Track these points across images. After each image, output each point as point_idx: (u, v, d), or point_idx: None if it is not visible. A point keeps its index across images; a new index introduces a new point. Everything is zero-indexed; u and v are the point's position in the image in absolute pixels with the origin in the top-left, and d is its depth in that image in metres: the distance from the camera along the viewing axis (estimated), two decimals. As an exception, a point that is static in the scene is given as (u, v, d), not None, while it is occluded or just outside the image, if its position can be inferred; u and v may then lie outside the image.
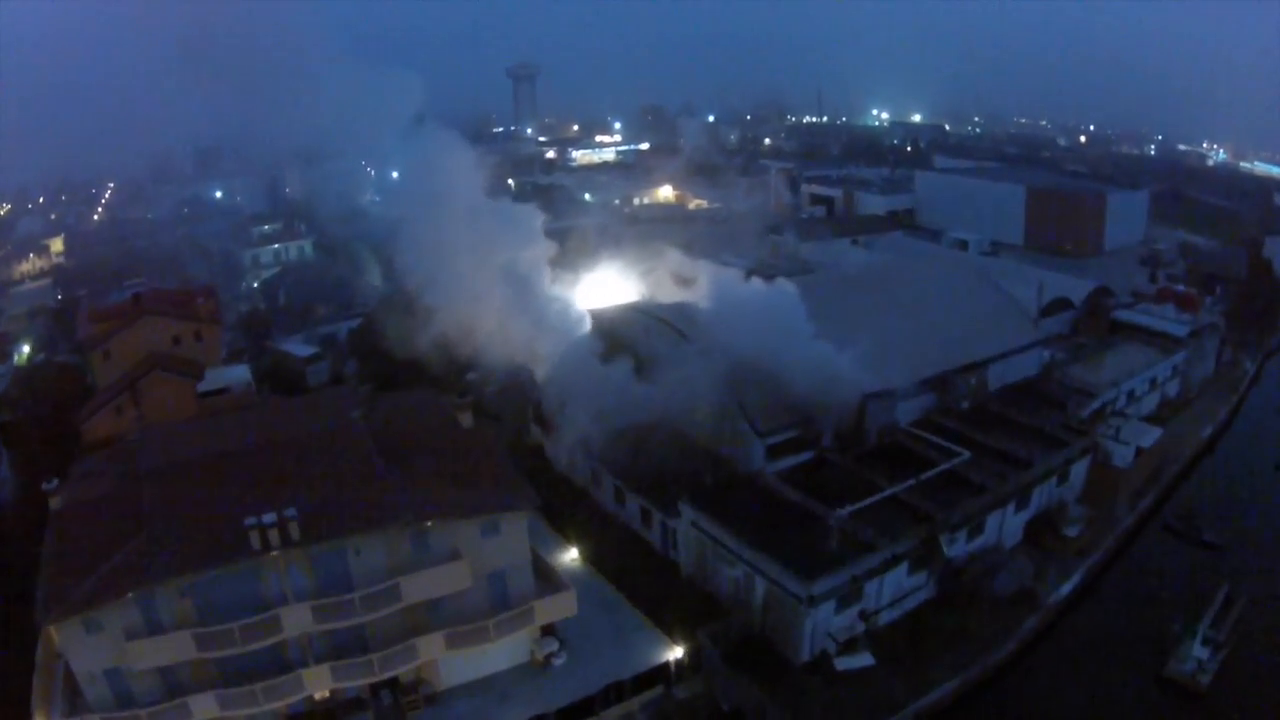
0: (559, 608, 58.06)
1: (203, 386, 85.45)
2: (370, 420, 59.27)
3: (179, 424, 68.43)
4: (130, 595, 47.32)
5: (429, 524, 52.12)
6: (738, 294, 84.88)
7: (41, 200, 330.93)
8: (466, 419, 60.85)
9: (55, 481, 56.81)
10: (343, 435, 56.23)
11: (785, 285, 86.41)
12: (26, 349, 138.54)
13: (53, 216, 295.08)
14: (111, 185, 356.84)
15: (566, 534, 74.32)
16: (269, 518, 48.02)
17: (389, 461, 54.62)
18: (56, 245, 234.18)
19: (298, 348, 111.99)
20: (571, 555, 71.70)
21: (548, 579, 59.12)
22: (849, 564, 61.09)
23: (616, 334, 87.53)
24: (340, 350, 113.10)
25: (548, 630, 59.55)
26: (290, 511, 48.35)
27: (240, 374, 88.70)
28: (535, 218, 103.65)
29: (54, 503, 55.47)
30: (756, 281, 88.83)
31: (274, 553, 48.73)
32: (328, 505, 50.69)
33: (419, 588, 52.35)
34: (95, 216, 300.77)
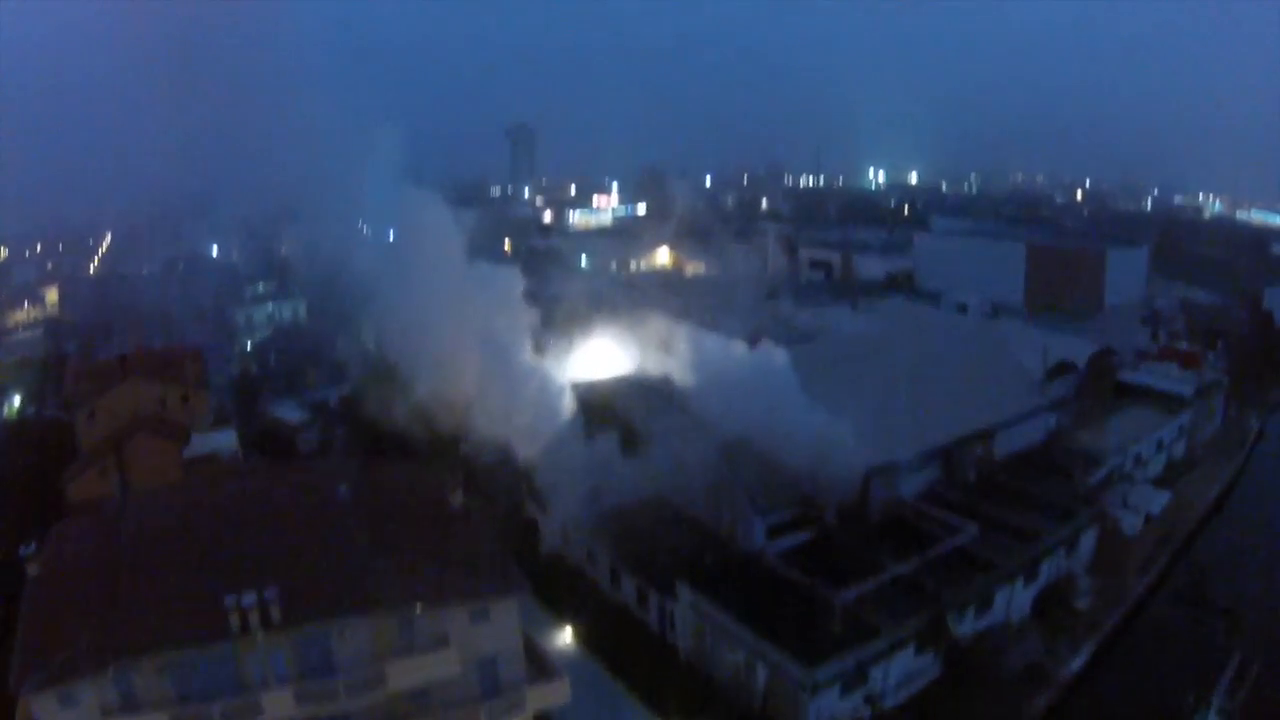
0: (552, 695, 55.23)
1: (189, 452, 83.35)
2: (357, 495, 57.03)
3: (161, 490, 66.09)
4: (106, 671, 44.96)
5: (416, 608, 49.76)
6: (731, 364, 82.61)
7: (40, 248, 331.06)
8: (457, 497, 58.53)
9: (33, 546, 54.60)
10: (329, 512, 53.96)
11: (779, 354, 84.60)
12: (17, 400, 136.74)
13: (50, 265, 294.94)
14: (109, 235, 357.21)
15: (560, 614, 71.84)
16: (248, 598, 45.77)
17: (375, 540, 52.37)
18: (52, 295, 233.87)
19: (289, 413, 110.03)
20: (565, 637, 69.20)
21: (540, 665, 56.45)
22: (854, 648, 58.78)
23: (606, 408, 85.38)
24: (331, 417, 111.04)
25: (541, 718, 56.84)
26: (270, 593, 46.08)
27: (227, 440, 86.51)
28: (515, 281, 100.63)
29: (31, 568, 53.14)
30: (751, 350, 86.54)
31: (254, 634, 46.41)
32: (311, 586, 48.45)
33: (406, 674, 49.81)
34: (91, 267, 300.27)
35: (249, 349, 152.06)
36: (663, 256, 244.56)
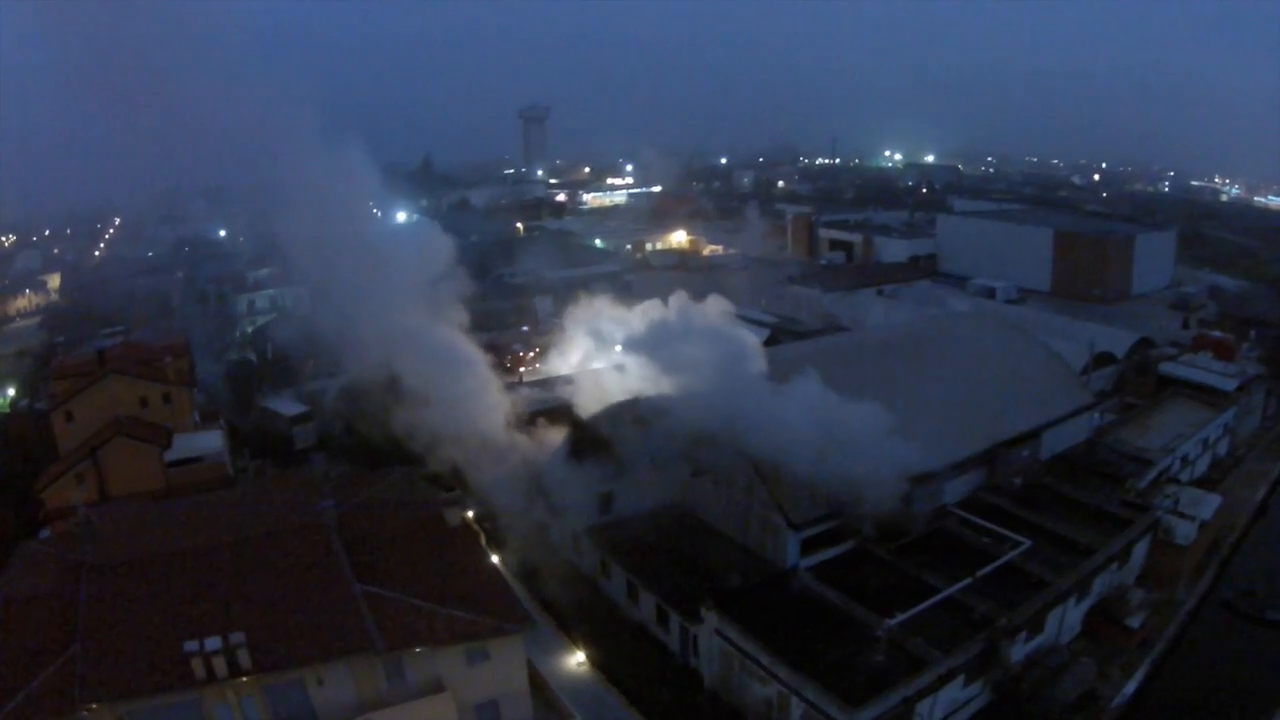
0: (563, 739, 49.49)
1: (171, 455, 77.96)
2: (343, 513, 51.20)
3: (132, 507, 60.56)
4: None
5: (405, 651, 43.79)
6: (744, 354, 75.48)
7: (47, 233, 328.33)
8: (453, 515, 52.52)
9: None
10: (308, 537, 48.00)
11: (801, 348, 77.67)
12: (12, 392, 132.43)
13: (55, 251, 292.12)
14: (118, 220, 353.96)
15: (571, 633, 65.89)
16: (212, 643, 39.86)
17: (361, 568, 46.44)
18: (54, 282, 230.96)
19: (285, 406, 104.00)
20: (578, 659, 63.22)
21: (550, 705, 50.64)
22: (900, 685, 52.35)
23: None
24: (329, 410, 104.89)
25: (549, 761, 51.03)
26: (237, 637, 40.12)
27: (212, 441, 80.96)
28: (437, 242, 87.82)
29: (-11, 596, 47.75)
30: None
31: (221, 683, 40.52)
32: (285, 627, 42.50)
33: (395, 724, 43.96)
34: (96, 253, 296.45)
35: (250, 334, 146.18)
36: (679, 237, 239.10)
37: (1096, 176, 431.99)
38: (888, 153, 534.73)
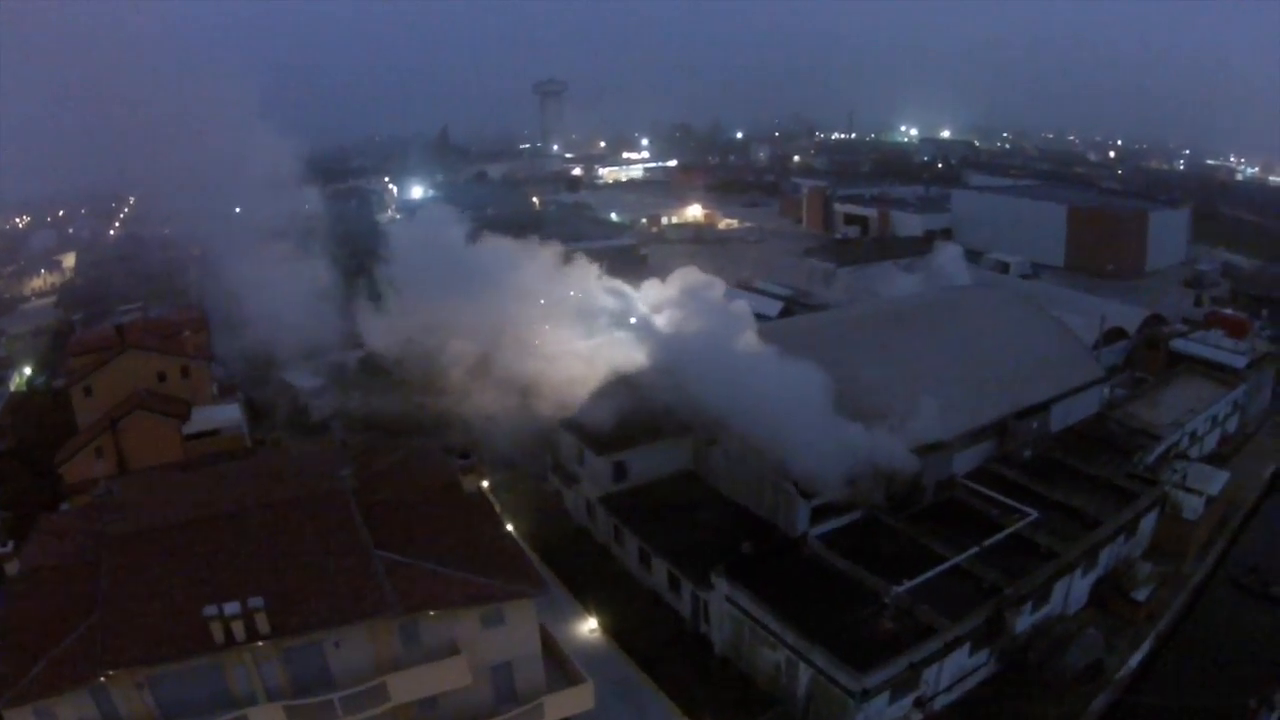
0: (574, 702, 50.07)
1: (189, 427, 78.97)
2: (360, 481, 52.00)
3: (152, 478, 61.66)
4: (83, 688, 40.52)
5: (420, 615, 44.64)
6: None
7: (62, 213, 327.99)
8: (469, 482, 53.28)
9: (10, 544, 50.03)
10: (327, 504, 48.73)
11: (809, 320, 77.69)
12: (28, 371, 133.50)
13: (70, 230, 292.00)
14: (133, 198, 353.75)
15: (584, 599, 66.81)
16: (231, 608, 40.66)
17: (378, 535, 47.18)
18: (70, 260, 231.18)
19: (302, 378, 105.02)
20: (590, 625, 64.22)
21: (562, 668, 51.44)
22: (907, 650, 53.14)
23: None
24: (346, 382, 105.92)
25: (562, 723, 51.82)
26: (256, 601, 40.95)
27: (230, 413, 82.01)
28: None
29: (10, 567, 48.50)
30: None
31: (240, 646, 41.39)
32: (304, 591, 43.24)
33: (410, 686, 44.69)
34: (111, 231, 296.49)
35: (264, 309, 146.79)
36: (694, 211, 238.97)
37: (1111, 153, 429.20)
38: (904, 128, 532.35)
